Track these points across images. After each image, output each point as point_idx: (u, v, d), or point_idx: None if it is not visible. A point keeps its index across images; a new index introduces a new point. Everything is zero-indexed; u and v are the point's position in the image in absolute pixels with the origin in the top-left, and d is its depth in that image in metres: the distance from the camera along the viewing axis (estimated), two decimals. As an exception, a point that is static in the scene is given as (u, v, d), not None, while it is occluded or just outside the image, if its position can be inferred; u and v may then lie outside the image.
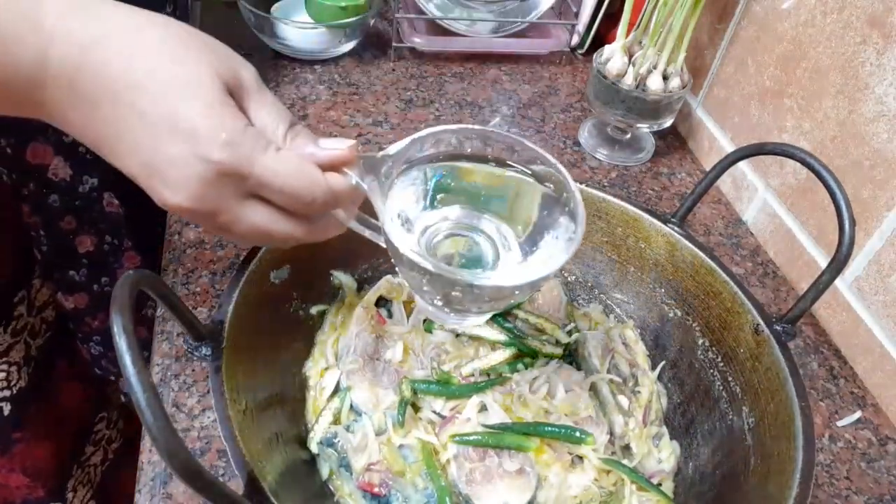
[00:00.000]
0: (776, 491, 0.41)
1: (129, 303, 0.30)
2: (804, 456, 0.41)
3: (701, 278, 0.54)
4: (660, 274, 0.57)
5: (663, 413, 0.54)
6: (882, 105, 0.58)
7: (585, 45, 0.98)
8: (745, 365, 0.50)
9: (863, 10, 0.59)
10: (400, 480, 0.46)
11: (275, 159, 0.36)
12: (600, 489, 0.48)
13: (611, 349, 0.55)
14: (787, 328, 0.48)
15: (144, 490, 0.47)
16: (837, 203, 0.45)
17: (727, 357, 0.52)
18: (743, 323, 0.50)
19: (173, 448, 0.27)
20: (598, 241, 0.59)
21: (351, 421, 0.49)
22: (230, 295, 0.45)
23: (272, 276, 0.49)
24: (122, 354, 0.28)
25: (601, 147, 0.83)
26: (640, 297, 0.59)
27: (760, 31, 0.72)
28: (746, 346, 0.50)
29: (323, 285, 0.56)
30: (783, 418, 0.45)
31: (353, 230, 0.43)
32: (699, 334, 0.54)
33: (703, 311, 0.54)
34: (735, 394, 0.50)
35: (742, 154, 0.53)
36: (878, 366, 0.61)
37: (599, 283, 0.61)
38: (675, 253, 0.55)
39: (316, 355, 0.53)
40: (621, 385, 0.53)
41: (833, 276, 0.47)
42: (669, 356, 0.56)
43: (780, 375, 0.46)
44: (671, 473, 0.51)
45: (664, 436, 0.52)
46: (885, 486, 0.55)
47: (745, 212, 0.77)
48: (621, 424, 0.51)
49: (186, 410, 0.51)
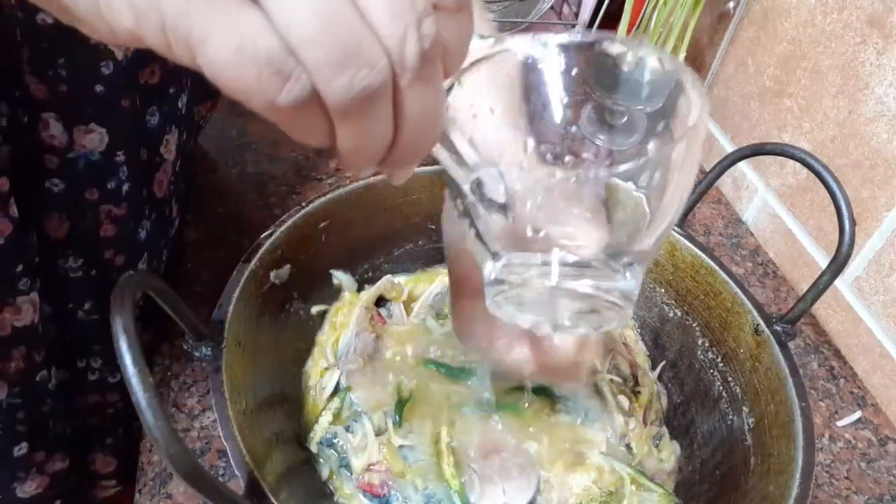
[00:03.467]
0: (776, 491, 0.41)
1: (130, 303, 0.30)
2: (804, 456, 0.41)
3: (701, 278, 0.54)
4: (660, 274, 0.57)
5: (663, 413, 0.54)
6: (882, 105, 0.58)
7: (585, 45, 0.98)
8: (745, 365, 0.50)
9: (863, 10, 0.59)
10: (400, 481, 0.46)
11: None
12: (600, 490, 0.48)
13: (611, 350, 0.55)
14: (787, 328, 0.48)
15: (144, 490, 0.47)
16: (837, 203, 0.45)
17: (727, 357, 0.52)
18: (743, 323, 0.50)
19: (174, 450, 0.27)
20: None
21: (351, 421, 0.49)
22: (230, 295, 0.45)
23: (273, 276, 0.49)
24: (122, 355, 0.27)
25: (601, 147, 0.83)
26: (640, 296, 0.58)
27: (760, 31, 0.72)
28: (746, 346, 0.50)
29: (323, 285, 0.56)
30: (783, 418, 0.45)
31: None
32: (699, 334, 0.54)
33: (703, 311, 0.54)
34: (735, 394, 0.50)
35: (742, 154, 0.53)
36: (878, 366, 0.61)
37: None
38: (676, 253, 0.55)
39: (316, 355, 0.53)
40: (622, 385, 0.53)
41: (833, 276, 0.47)
42: (669, 356, 0.56)
43: (780, 375, 0.46)
44: (672, 473, 0.51)
45: (664, 436, 0.52)
46: (885, 486, 0.55)
47: (745, 212, 0.77)
48: (622, 424, 0.51)
49: (186, 410, 0.51)
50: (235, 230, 0.66)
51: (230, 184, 0.71)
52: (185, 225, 0.65)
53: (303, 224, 0.51)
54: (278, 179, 0.72)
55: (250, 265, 0.47)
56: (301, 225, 0.50)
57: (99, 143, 0.44)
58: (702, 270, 0.54)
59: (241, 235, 0.65)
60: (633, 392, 0.53)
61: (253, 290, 0.47)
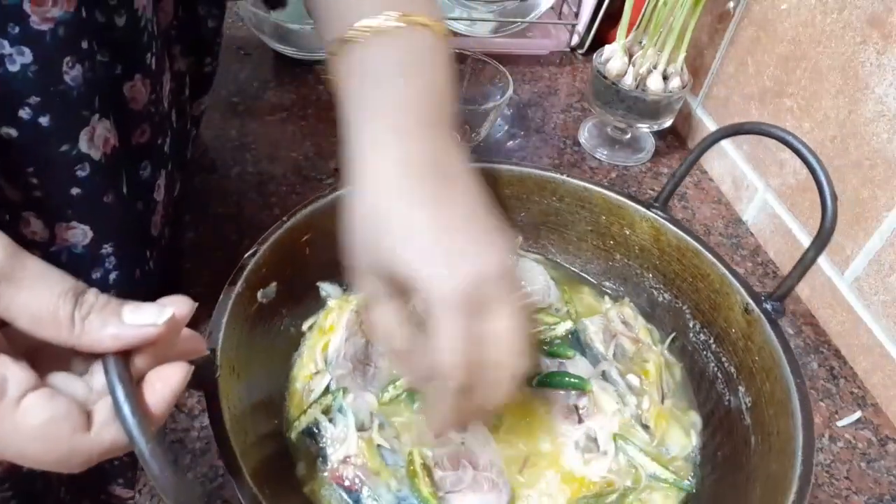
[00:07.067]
0: (779, 469, 0.41)
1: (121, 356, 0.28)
2: (804, 433, 0.41)
3: (687, 261, 0.54)
4: (646, 259, 0.57)
5: (678, 384, 0.53)
6: (882, 105, 0.58)
7: (585, 45, 0.98)
8: (738, 345, 0.50)
9: (863, 10, 0.59)
10: (374, 478, 0.45)
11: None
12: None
13: (613, 333, 0.54)
14: (777, 306, 0.48)
15: (144, 490, 0.47)
16: (818, 179, 0.45)
17: (719, 338, 0.52)
18: (732, 303, 0.50)
19: (184, 499, 0.27)
20: (582, 231, 0.59)
21: (336, 412, 0.48)
22: (219, 321, 0.43)
23: (260, 296, 0.48)
24: (120, 405, 0.26)
25: (601, 147, 0.83)
26: (629, 283, 0.59)
27: (760, 31, 0.72)
28: (738, 326, 0.50)
29: (310, 298, 0.54)
30: (780, 396, 0.45)
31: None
32: (689, 317, 0.54)
33: (692, 293, 0.54)
34: (730, 374, 0.50)
35: (722, 134, 0.52)
36: (878, 366, 0.61)
37: (587, 271, 0.61)
38: (661, 237, 0.55)
39: (305, 359, 0.52)
40: (629, 364, 0.52)
41: (817, 251, 0.47)
42: (662, 340, 0.57)
43: (774, 354, 0.46)
44: (696, 449, 0.50)
45: (687, 408, 0.52)
46: (885, 486, 0.55)
47: (745, 212, 0.77)
48: (635, 405, 0.50)
49: (186, 410, 0.51)
50: (235, 230, 0.66)
51: (230, 184, 0.71)
52: (185, 225, 0.65)
53: (286, 239, 0.49)
54: (278, 179, 0.72)
55: (236, 287, 0.45)
56: (284, 240, 0.49)
57: (83, 237, 0.42)
58: (687, 253, 0.54)
59: (241, 235, 0.65)
60: (642, 368, 0.52)
61: (241, 312, 0.45)
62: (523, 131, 0.85)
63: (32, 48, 0.34)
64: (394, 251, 0.36)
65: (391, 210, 0.37)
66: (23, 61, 0.34)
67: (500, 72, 0.79)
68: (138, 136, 0.45)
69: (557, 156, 0.82)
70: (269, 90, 0.84)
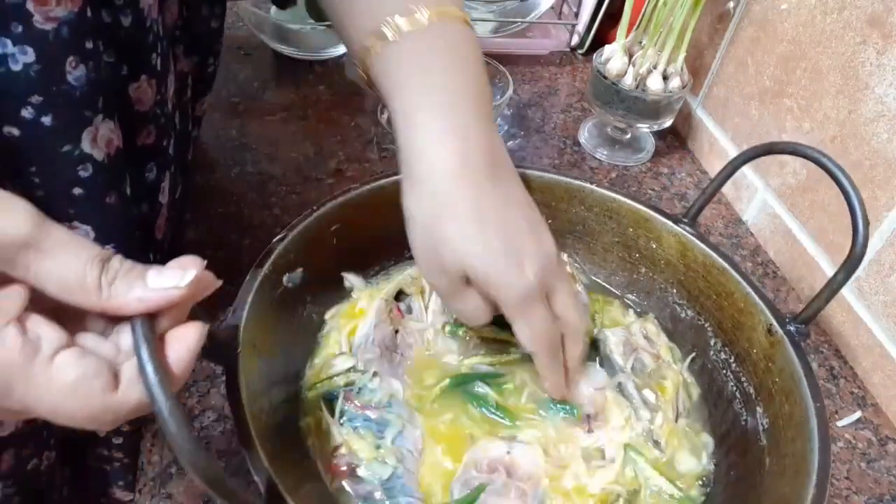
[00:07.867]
0: (791, 492, 0.41)
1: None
2: (820, 457, 0.41)
3: (713, 279, 0.53)
4: (671, 274, 0.57)
5: (693, 404, 0.53)
6: (882, 105, 0.58)
7: (585, 45, 0.98)
8: (759, 365, 0.49)
9: (863, 10, 0.59)
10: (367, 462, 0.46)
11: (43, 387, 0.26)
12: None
13: (634, 347, 0.54)
14: (801, 328, 0.48)
15: (144, 490, 0.47)
16: (851, 202, 0.44)
17: (740, 357, 0.51)
18: (756, 323, 0.50)
19: (197, 459, 0.27)
20: (609, 242, 0.59)
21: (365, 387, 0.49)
22: (244, 299, 0.44)
23: (285, 280, 0.49)
24: (144, 363, 0.27)
25: (601, 147, 0.83)
26: (652, 297, 0.58)
27: (760, 31, 0.72)
28: (760, 346, 0.49)
29: (334, 288, 0.55)
30: (798, 419, 0.44)
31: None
32: (711, 335, 0.54)
33: (716, 311, 0.54)
34: (749, 394, 0.50)
35: (753, 154, 0.52)
36: (878, 366, 0.61)
37: (611, 282, 0.60)
38: (687, 253, 0.55)
39: (331, 340, 0.52)
40: (647, 379, 0.52)
41: (847, 275, 0.46)
42: (682, 359, 0.56)
43: (795, 376, 0.46)
44: (707, 469, 0.49)
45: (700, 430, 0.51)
46: (885, 486, 0.55)
47: (745, 212, 0.77)
48: (648, 420, 0.50)
49: (186, 410, 0.51)
50: (235, 230, 0.66)
51: (230, 184, 0.71)
52: (185, 225, 0.65)
53: (314, 227, 0.50)
54: (278, 179, 0.72)
55: (263, 269, 0.46)
56: (312, 228, 0.50)
57: (84, 237, 0.41)
58: (713, 270, 0.53)
59: (241, 235, 0.65)
60: (659, 384, 0.52)
61: (266, 294, 0.46)
62: (523, 131, 0.85)
63: (35, 47, 0.34)
64: (463, 254, 0.41)
65: (456, 206, 0.41)
66: (25, 60, 0.34)
67: (500, 72, 0.79)
68: (144, 138, 0.45)
69: (557, 156, 0.82)
70: (269, 90, 0.84)
